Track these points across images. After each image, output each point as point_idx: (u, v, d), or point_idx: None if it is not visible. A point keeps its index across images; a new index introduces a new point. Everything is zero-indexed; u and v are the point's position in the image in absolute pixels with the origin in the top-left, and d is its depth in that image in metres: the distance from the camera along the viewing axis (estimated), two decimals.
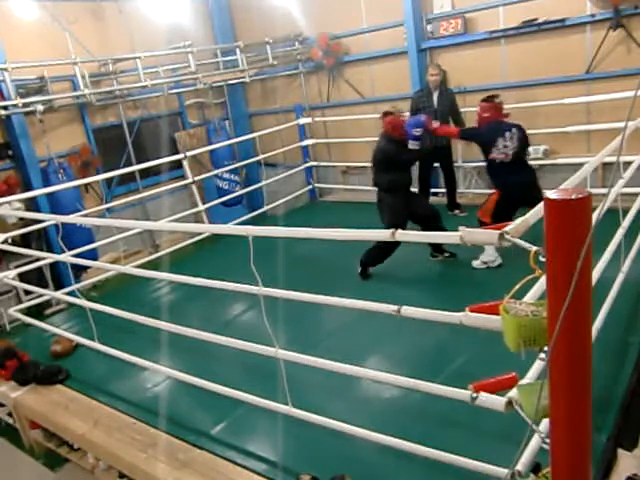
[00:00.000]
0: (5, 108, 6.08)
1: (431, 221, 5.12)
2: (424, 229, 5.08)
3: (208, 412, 3.47)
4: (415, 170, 6.16)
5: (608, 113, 5.89)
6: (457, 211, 6.64)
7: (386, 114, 5.11)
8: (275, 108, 9.00)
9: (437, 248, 5.25)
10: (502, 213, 4.50)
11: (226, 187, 8.11)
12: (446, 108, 6.25)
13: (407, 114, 5.08)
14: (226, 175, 8.05)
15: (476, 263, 4.96)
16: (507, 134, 4.74)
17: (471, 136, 5.23)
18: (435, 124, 5.30)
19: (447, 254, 5.25)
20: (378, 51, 7.76)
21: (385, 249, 4.99)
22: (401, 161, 5.11)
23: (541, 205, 1.48)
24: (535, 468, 2.01)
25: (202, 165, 8.19)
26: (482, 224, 4.51)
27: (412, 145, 4.98)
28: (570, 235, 1.40)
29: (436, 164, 6.63)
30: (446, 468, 2.48)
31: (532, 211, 2.10)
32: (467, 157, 6.90)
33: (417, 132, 4.93)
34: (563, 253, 1.42)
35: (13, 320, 5.61)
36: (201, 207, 6.84)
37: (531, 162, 6.33)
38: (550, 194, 1.43)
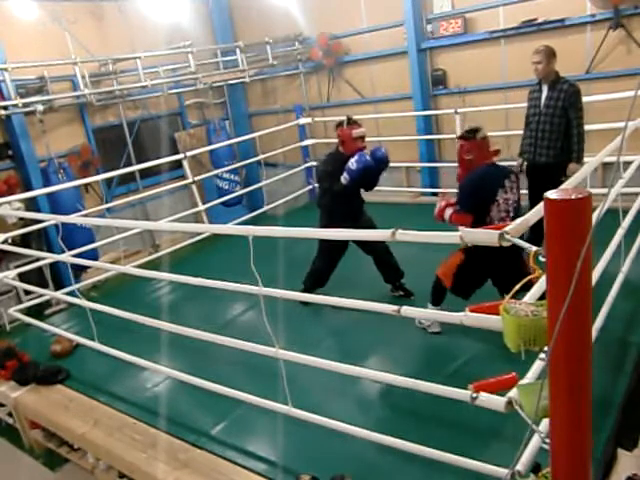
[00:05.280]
0: (5, 108, 6.08)
1: (380, 256, 4.61)
2: (376, 263, 4.69)
3: (208, 412, 3.47)
4: None
5: (608, 113, 5.88)
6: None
7: (339, 125, 4.49)
8: (275, 108, 9.01)
9: (393, 284, 4.71)
10: (466, 281, 3.59)
11: (226, 187, 8.11)
12: (555, 112, 4.46)
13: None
14: (226, 175, 8.05)
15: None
16: (507, 183, 3.51)
17: (470, 200, 3.54)
18: (447, 214, 3.60)
19: (402, 293, 4.67)
20: (378, 51, 7.76)
21: (320, 272, 4.72)
22: (329, 185, 4.47)
23: (541, 205, 1.48)
24: (535, 468, 2.00)
25: (202, 165, 8.19)
26: (438, 282, 3.75)
27: (343, 178, 4.31)
28: (570, 235, 1.40)
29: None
30: (446, 468, 2.48)
31: (532, 211, 2.10)
32: None
33: (352, 166, 4.22)
34: (563, 253, 1.42)
35: (13, 320, 5.61)
36: (201, 207, 6.84)
37: None
38: (550, 194, 1.43)
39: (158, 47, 7.53)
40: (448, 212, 3.63)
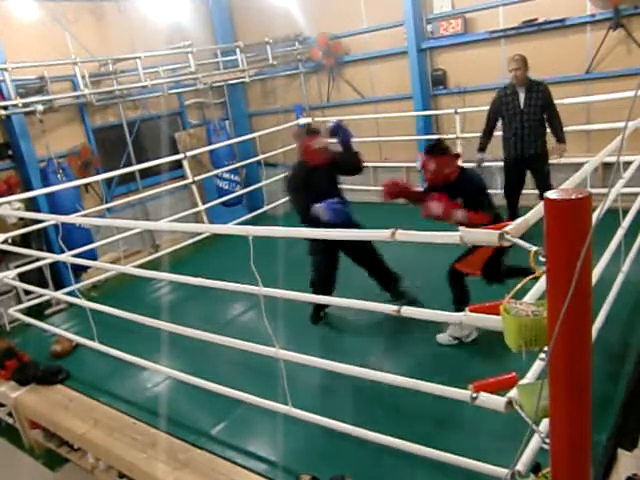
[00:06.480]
0: (5, 108, 6.08)
1: (369, 259, 4.37)
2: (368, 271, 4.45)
3: (208, 412, 3.47)
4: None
5: (608, 113, 5.88)
6: None
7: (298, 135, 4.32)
8: (275, 108, 9.01)
9: (390, 290, 4.43)
10: (496, 266, 3.78)
11: (226, 187, 8.11)
12: (537, 110, 5.08)
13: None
14: (226, 175, 8.05)
15: (442, 337, 3.84)
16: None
17: (488, 200, 3.82)
18: (459, 214, 3.55)
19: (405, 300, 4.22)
20: (378, 51, 7.76)
21: (320, 284, 4.31)
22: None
23: (541, 205, 1.48)
24: (535, 468, 2.00)
25: (202, 165, 8.19)
26: (455, 274, 3.79)
27: (320, 211, 3.90)
28: (570, 235, 1.40)
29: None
30: (446, 468, 2.49)
31: (532, 211, 2.10)
32: (466, 157, 6.90)
33: (323, 216, 3.88)
34: (563, 253, 1.42)
35: (13, 320, 5.61)
36: (201, 207, 6.84)
37: None
38: (550, 194, 1.43)
39: (158, 47, 7.53)
40: (460, 214, 3.58)
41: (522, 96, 5.11)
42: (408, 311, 2.44)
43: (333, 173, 4.31)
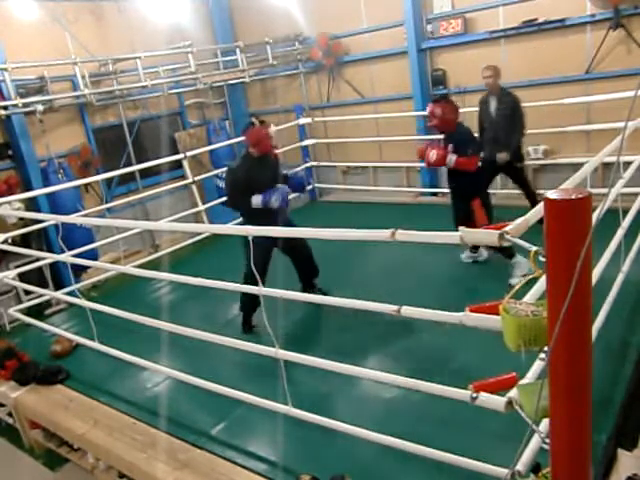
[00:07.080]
0: (5, 108, 6.08)
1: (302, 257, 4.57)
2: (295, 263, 4.61)
3: (208, 412, 3.47)
4: None
5: (608, 113, 5.89)
6: None
7: (248, 127, 4.28)
8: (275, 108, 9.01)
9: (309, 282, 4.73)
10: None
11: None
12: (505, 119, 5.23)
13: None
14: None
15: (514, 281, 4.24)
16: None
17: (478, 148, 4.67)
18: (450, 159, 4.49)
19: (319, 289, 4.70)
20: (378, 51, 7.76)
21: (249, 297, 4.16)
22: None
23: (541, 205, 1.48)
24: (535, 468, 2.00)
25: (202, 165, 8.19)
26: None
27: (254, 199, 4.14)
28: (570, 235, 1.40)
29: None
30: (446, 468, 2.48)
31: (532, 211, 2.10)
32: None
33: (275, 203, 4.15)
34: (563, 253, 1.42)
35: (13, 320, 5.61)
36: (201, 207, 6.84)
37: (531, 162, 6.43)
38: (550, 194, 1.43)
39: (158, 47, 7.53)
40: (452, 158, 4.45)
41: (493, 104, 5.35)
42: (408, 311, 2.44)
43: (277, 164, 4.57)
